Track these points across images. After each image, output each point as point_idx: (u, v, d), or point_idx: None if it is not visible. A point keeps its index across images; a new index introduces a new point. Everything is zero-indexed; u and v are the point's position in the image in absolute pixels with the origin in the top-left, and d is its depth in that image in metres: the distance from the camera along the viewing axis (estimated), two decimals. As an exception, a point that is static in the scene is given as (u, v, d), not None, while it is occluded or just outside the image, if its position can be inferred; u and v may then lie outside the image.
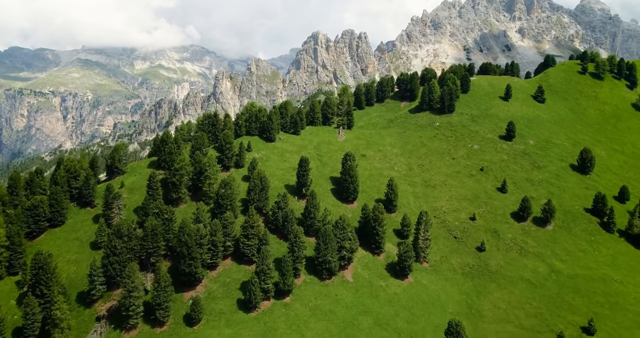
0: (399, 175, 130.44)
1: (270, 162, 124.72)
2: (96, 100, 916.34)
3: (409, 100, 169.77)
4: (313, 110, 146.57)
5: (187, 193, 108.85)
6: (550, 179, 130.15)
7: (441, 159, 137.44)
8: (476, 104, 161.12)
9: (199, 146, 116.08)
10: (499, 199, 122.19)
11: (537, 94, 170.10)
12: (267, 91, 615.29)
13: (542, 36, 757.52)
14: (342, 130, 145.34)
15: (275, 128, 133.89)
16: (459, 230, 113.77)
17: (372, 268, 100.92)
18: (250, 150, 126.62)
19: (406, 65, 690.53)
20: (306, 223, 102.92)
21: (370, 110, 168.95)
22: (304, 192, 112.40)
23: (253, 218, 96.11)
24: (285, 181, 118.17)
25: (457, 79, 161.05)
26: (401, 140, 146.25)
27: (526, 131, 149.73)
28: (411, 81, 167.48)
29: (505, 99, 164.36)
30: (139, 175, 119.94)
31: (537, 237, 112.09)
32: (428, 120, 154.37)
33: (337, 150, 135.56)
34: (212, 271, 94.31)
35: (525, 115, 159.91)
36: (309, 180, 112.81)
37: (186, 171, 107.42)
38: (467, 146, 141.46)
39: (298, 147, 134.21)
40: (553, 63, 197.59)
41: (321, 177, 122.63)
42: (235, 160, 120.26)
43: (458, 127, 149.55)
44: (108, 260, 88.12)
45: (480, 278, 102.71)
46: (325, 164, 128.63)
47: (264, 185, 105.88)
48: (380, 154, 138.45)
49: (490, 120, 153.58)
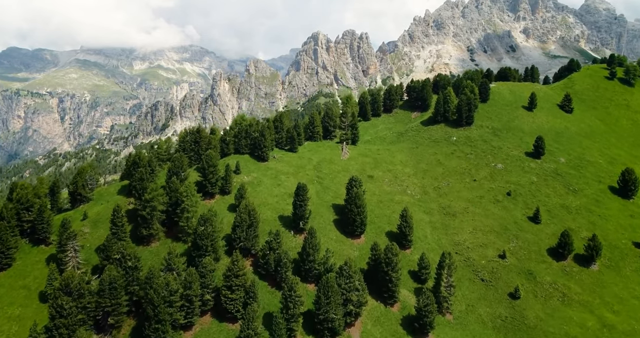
0: (412, 200, 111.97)
1: (262, 187, 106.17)
2: (94, 101, 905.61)
3: (421, 110, 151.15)
4: (312, 124, 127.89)
5: (160, 229, 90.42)
6: (589, 205, 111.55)
7: (461, 180, 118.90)
8: (497, 115, 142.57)
9: (177, 170, 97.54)
10: (532, 231, 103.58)
11: (564, 103, 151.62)
12: (265, 93, 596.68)
13: (547, 36, 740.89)
14: (346, 147, 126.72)
15: (269, 145, 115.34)
16: (487, 271, 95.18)
17: (385, 324, 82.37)
18: (239, 172, 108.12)
19: (408, 67, 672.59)
20: (304, 268, 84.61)
21: (377, 122, 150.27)
22: (301, 225, 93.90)
23: (238, 265, 77.70)
24: (279, 211, 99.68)
25: (475, 87, 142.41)
26: (413, 158, 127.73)
27: (555, 146, 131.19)
28: (423, 89, 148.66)
29: (529, 108, 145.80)
30: (106, 203, 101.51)
31: (582, 280, 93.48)
32: (443, 133, 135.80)
33: (340, 171, 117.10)
34: (186, 332, 75.81)
35: (553, 127, 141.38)
36: (307, 212, 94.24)
37: (159, 202, 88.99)
38: (490, 165, 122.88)
39: (295, 168, 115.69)
40: (578, 67, 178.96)
41: (322, 205, 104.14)
42: (221, 185, 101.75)
43: (478, 142, 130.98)
44: (53, 323, 69.72)
45: (516, 334, 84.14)
46: (327, 189, 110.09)
47: (253, 220, 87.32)
48: (390, 175, 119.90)
49: (514, 134, 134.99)
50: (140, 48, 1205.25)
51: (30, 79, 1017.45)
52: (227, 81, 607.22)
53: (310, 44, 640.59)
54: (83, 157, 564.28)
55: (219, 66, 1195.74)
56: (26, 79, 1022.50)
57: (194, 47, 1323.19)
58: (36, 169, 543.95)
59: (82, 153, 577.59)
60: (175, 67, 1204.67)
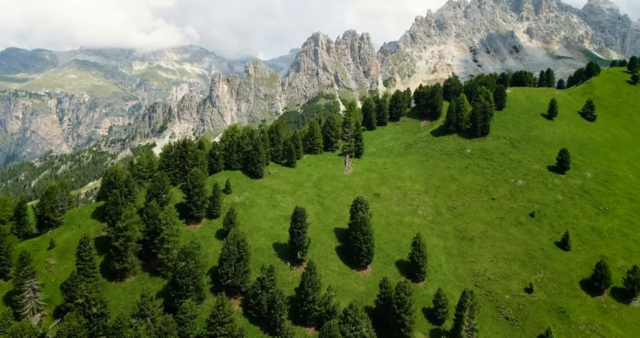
0: (424, 222, 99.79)
1: (255, 209, 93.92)
2: (93, 102, 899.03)
3: (430, 119, 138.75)
4: (312, 135, 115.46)
5: (137, 262, 78.34)
6: (622, 228, 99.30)
7: (477, 198, 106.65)
8: (514, 124, 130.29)
9: (157, 191, 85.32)
10: (561, 260, 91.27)
11: (586, 110, 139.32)
12: (265, 94, 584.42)
13: (551, 37, 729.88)
14: (349, 160, 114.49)
15: (263, 160, 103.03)
16: (512, 308, 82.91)
17: (397, 377, 70.34)
18: (230, 191, 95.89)
19: (410, 68, 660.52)
20: (302, 309, 72.53)
21: (382, 131, 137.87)
22: (299, 256, 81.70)
23: (224, 309, 65.62)
24: (274, 237, 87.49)
25: (490, 93, 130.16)
26: (424, 172, 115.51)
27: (580, 159, 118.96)
28: (433, 95, 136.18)
29: (549, 117, 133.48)
30: (77, 228, 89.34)
31: (621, 319, 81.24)
32: (456, 145, 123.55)
33: (343, 189, 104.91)
34: (162, 391, 63.75)
35: (575, 137, 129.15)
36: (305, 241, 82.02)
37: (135, 231, 76.88)
38: (510, 181, 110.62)
39: (293, 185, 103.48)
40: (597, 71, 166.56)
41: (323, 230, 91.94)
42: (208, 208, 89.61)
43: (495, 155, 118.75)
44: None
45: (549, 386, 72.03)
46: (329, 210, 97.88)
47: (243, 252, 75.16)
48: (398, 192, 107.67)
49: (534, 146, 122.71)
50: (140, 48, 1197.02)
51: (29, 79, 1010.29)
52: (226, 82, 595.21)
53: (310, 44, 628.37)
54: (79, 159, 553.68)
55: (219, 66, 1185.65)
56: (25, 79, 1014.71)
57: (193, 47, 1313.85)
58: (32, 172, 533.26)
59: (79, 156, 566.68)
60: (175, 68, 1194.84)
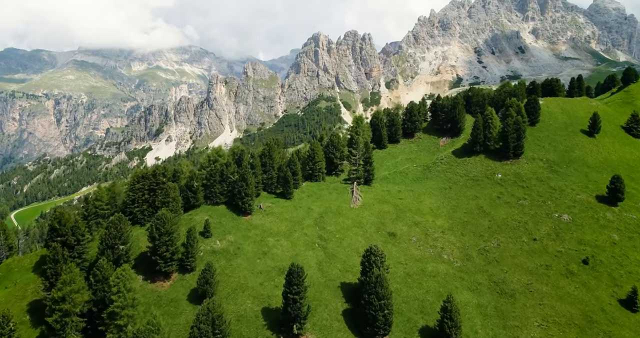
0: (451, 270, 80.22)
1: (240, 259, 74.39)
2: (91, 103, 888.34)
3: (450, 135, 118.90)
4: (313, 158, 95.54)
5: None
6: (698, 279, 79.80)
7: (515, 239, 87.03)
8: (551, 142, 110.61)
9: (112, 241, 65.69)
10: (628, 326, 71.64)
11: (631, 125, 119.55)
12: (264, 97, 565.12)
13: (558, 37, 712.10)
14: (357, 189, 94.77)
15: (252, 192, 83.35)
16: (574, 397, 63.61)
17: None
18: (209, 235, 76.38)
19: (413, 69, 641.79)
20: None
21: (395, 151, 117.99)
22: (295, 331, 62.21)
23: None
24: (263, 300, 68.00)
25: (521, 105, 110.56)
26: (447, 203, 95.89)
27: (632, 187, 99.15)
28: (454, 108, 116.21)
29: (590, 133, 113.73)
30: (13, 287, 69.80)
31: None
32: (484, 169, 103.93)
33: (351, 227, 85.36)
34: None
35: (622, 158, 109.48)
36: (304, 309, 62.58)
37: (76, 303, 57.42)
38: (552, 216, 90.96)
39: (289, 224, 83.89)
40: (636, 77, 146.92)
41: (326, 286, 72.44)
42: (181, 258, 70.19)
43: (532, 182, 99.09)
44: None
45: None
46: (333, 257, 78.35)
47: (219, 334, 55.68)
48: (418, 230, 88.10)
49: (577, 170, 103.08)
50: (139, 49, 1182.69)
51: (28, 80, 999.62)
52: (224, 84, 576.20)
53: (310, 45, 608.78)
54: (73, 163, 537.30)
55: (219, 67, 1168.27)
56: (23, 80, 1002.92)
57: (193, 47, 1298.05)
58: (24, 176, 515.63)
59: (72, 159, 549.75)
60: (175, 68, 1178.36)
